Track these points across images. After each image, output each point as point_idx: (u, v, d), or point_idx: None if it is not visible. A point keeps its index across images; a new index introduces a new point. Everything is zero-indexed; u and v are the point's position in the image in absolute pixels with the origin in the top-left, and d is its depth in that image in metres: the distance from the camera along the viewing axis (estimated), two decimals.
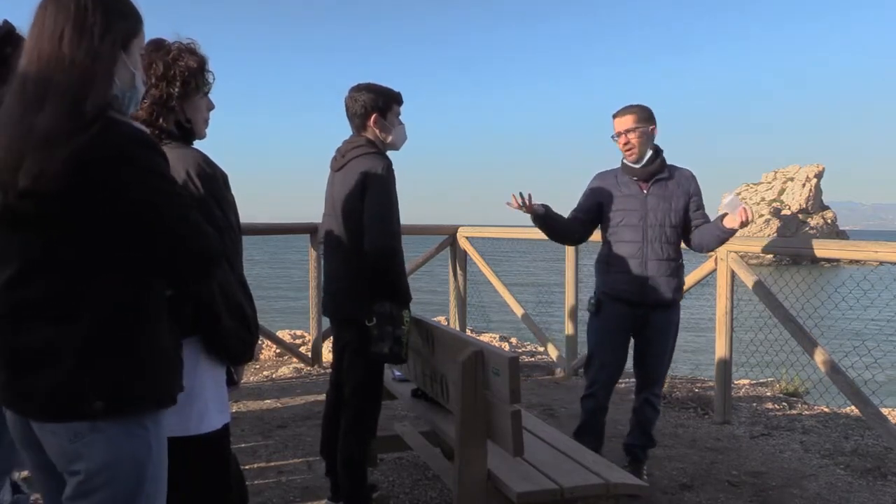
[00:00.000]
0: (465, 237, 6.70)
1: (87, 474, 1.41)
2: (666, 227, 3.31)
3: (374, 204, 2.77)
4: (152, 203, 1.39)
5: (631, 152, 3.37)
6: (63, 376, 1.36)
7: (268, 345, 6.61)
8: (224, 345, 1.85)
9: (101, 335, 1.39)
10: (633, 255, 3.33)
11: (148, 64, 1.86)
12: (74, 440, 1.40)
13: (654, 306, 3.34)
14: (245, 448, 3.99)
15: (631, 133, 3.35)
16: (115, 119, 1.39)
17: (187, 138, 1.95)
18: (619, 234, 3.38)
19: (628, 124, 3.36)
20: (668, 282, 3.32)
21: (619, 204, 3.40)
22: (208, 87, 1.97)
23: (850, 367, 4.62)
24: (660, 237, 3.31)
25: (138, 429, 1.44)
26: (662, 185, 3.36)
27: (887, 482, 3.64)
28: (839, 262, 5.14)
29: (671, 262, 3.33)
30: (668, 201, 3.33)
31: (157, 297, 1.50)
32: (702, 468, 3.81)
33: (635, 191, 3.37)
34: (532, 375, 5.97)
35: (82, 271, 1.38)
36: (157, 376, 1.47)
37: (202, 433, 1.83)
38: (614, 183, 3.44)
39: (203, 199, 1.81)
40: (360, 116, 2.94)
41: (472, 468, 2.55)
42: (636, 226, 3.34)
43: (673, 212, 3.33)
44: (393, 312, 2.79)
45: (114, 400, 1.39)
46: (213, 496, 1.90)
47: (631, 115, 3.37)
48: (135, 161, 1.37)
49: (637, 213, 3.34)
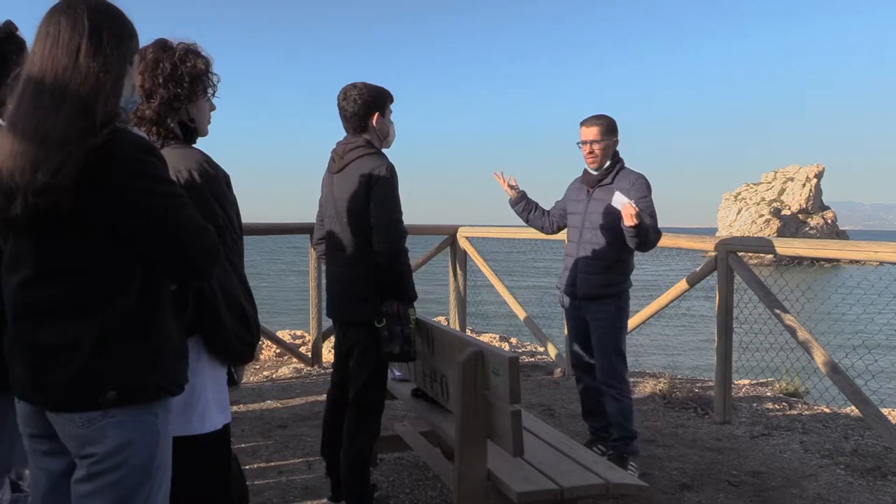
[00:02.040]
0: (465, 237, 6.70)
1: (98, 458, 1.50)
2: (599, 229, 3.59)
3: (382, 205, 2.77)
4: (157, 205, 1.49)
5: (593, 161, 3.65)
6: (78, 370, 1.46)
7: (268, 345, 6.61)
8: (225, 345, 1.86)
9: (112, 330, 1.48)
10: (569, 254, 3.75)
11: (155, 64, 1.88)
12: (87, 426, 1.49)
13: (585, 299, 3.65)
14: (245, 448, 3.99)
15: (595, 144, 3.62)
16: (120, 127, 1.50)
17: (190, 138, 1.96)
18: (568, 234, 3.84)
19: (593, 135, 3.62)
20: (596, 278, 3.61)
21: (570, 207, 3.82)
22: (214, 89, 1.98)
23: (851, 367, 4.63)
24: (592, 238, 3.61)
25: (148, 415, 1.54)
26: (606, 190, 3.57)
27: (887, 482, 3.64)
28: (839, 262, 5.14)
29: (600, 261, 3.60)
30: (607, 205, 3.53)
31: (165, 292, 1.59)
32: (702, 468, 3.81)
33: (582, 195, 3.72)
34: (532, 375, 5.97)
35: (94, 270, 1.48)
36: (167, 367, 1.56)
37: (203, 433, 1.84)
38: (575, 187, 3.82)
39: (199, 190, 1.82)
40: (359, 116, 2.91)
41: (472, 468, 2.55)
42: (577, 227, 3.73)
43: (610, 214, 3.52)
44: (401, 312, 2.80)
45: (126, 390, 1.49)
46: (213, 496, 1.91)
47: (596, 126, 3.62)
48: (139, 165, 1.47)
49: (579, 215, 3.71)
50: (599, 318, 3.63)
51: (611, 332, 3.63)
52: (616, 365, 3.62)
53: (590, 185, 3.68)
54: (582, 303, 3.68)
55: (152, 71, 1.87)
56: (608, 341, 3.62)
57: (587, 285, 3.64)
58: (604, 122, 3.62)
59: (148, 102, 1.87)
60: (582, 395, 3.90)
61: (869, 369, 4.80)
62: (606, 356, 3.62)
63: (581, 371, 3.84)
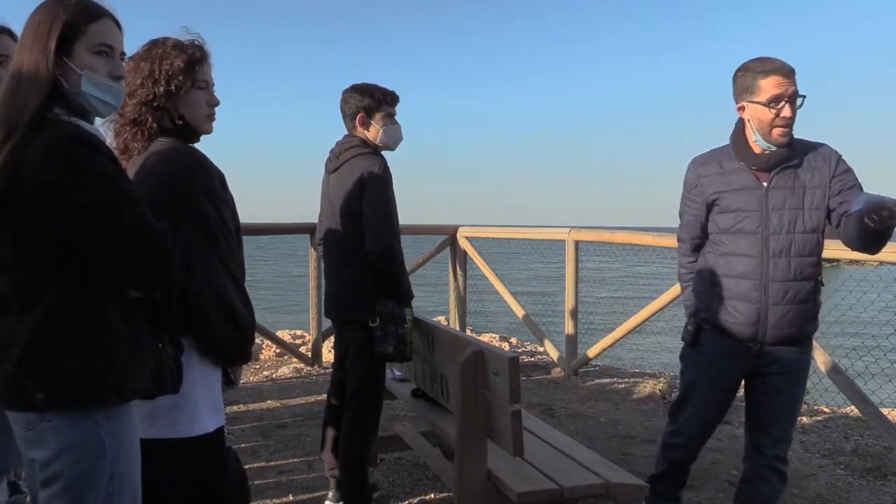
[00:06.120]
0: (465, 237, 6.70)
1: (40, 463, 1.49)
2: (795, 233, 2.46)
3: (374, 204, 2.78)
4: (85, 200, 1.44)
5: (788, 129, 2.39)
6: (11, 368, 1.45)
7: (268, 345, 6.61)
8: (215, 346, 1.83)
9: (45, 331, 1.45)
10: (748, 275, 2.48)
11: (136, 64, 1.87)
12: (28, 428, 1.49)
13: (777, 343, 2.49)
14: (245, 448, 3.99)
15: (797, 100, 2.39)
16: (56, 121, 1.48)
17: (185, 135, 1.94)
18: (730, 243, 2.52)
19: (793, 85, 2.38)
20: (797, 310, 2.46)
21: (730, 201, 2.51)
22: (203, 83, 1.94)
23: (850, 367, 4.63)
24: (787, 248, 2.45)
25: (86, 422, 1.49)
26: (790, 175, 2.46)
27: (887, 482, 3.64)
28: (839, 262, 5.13)
29: (805, 283, 2.48)
30: (799, 197, 2.46)
31: (113, 297, 1.52)
32: (702, 468, 3.81)
33: (751, 182, 2.48)
34: (532, 375, 5.97)
35: (30, 270, 1.46)
36: (101, 374, 1.49)
37: (193, 436, 1.81)
38: (718, 171, 2.55)
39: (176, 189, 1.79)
40: (349, 117, 2.97)
41: (472, 468, 2.55)
42: (754, 233, 2.47)
43: (806, 211, 2.45)
44: (396, 311, 2.80)
45: (53, 393, 1.45)
46: (205, 500, 1.87)
47: (793, 72, 2.39)
48: (64, 160, 1.43)
49: (756, 214, 2.46)
50: (797, 368, 2.58)
51: (803, 387, 2.67)
52: (793, 429, 2.65)
53: (764, 168, 2.46)
54: (766, 347, 2.52)
55: (133, 71, 1.86)
56: (797, 399, 2.62)
57: (788, 323, 2.49)
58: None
59: (129, 101, 1.86)
60: (674, 465, 2.79)
61: (869, 369, 4.81)
62: (793, 418, 2.62)
63: (698, 441, 2.73)
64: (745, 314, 2.48)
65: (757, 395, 2.59)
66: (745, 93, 2.44)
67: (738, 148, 2.50)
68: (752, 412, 2.63)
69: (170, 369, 1.64)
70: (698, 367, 2.65)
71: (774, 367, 2.52)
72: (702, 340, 2.62)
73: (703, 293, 2.62)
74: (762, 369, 2.54)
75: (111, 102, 1.60)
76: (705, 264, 2.63)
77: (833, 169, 2.45)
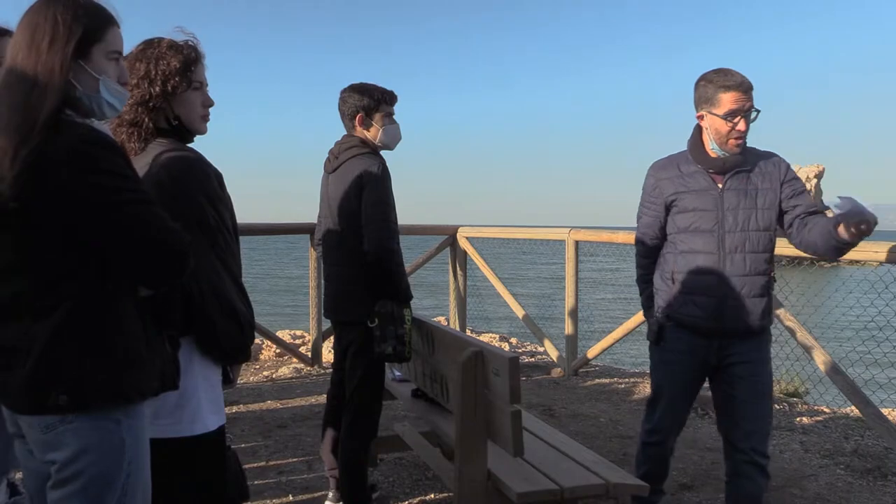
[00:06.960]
0: (465, 237, 6.70)
1: (59, 465, 1.48)
2: (749, 231, 2.58)
3: (372, 204, 2.78)
4: (104, 200, 1.44)
5: (742, 140, 2.56)
6: (30, 372, 1.43)
7: (268, 345, 6.61)
8: (217, 345, 1.84)
9: (65, 334, 1.44)
10: (708, 270, 2.59)
11: (131, 65, 1.86)
12: (47, 431, 1.47)
13: (736, 335, 2.61)
14: (245, 448, 3.99)
15: (750, 114, 2.54)
16: (70, 122, 1.46)
17: (181, 135, 1.94)
18: (689, 241, 2.63)
19: (750, 101, 2.53)
20: (754, 303, 2.58)
21: (687, 202, 2.63)
22: (198, 83, 1.93)
23: (851, 367, 4.63)
24: (742, 245, 2.57)
25: (108, 422, 1.49)
26: (744, 178, 2.59)
27: (887, 482, 3.64)
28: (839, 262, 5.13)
29: (760, 277, 2.59)
30: (752, 198, 2.58)
31: (127, 297, 1.53)
32: (702, 468, 3.81)
33: (707, 184, 2.61)
34: (532, 375, 5.97)
35: (50, 272, 1.45)
36: (122, 373, 1.50)
37: (195, 434, 1.82)
38: (677, 173, 2.68)
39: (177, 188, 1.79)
40: (348, 117, 2.97)
41: (472, 468, 2.55)
42: (710, 231, 2.58)
43: (759, 211, 2.58)
44: (394, 312, 2.80)
45: (76, 395, 1.45)
46: (206, 498, 1.88)
47: (752, 88, 2.54)
48: (87, 161, 1.43)
49: (712, 214, 2.59)
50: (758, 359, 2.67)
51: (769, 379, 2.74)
52: (770, 423, 2.71)
53: (719, 171, 2.60)
54: (727, 341, 2.64)
55: (128, 71, 1.86)
56: (765, 391, 2.69)
57: (745, 315, 2.60)
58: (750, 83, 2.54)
59: None
60: (655, 462, 2.87)
61: (868, 370, 4.81)
62: (765, 411, 2.68)
63: (672, 435, 2.85)
64: (705, 308, 2.59)
65: (723, 385, 2.69)
66: (706, 103, 2.59)
67: (696, 152, 2.65)
68: (720, 407, 2.74)
69: (172, 367, 1.66)
70: (665, 365, 2.76)
71: (736, 358, 2.63)
72: (666, 337, 2.73)
73: (664, 291, 2.73)
74: (725, 360, 2.65)
75: (118, 108, 1.61)
76: (665, 264, 2.75)
77: (783, 175, 2.63)
